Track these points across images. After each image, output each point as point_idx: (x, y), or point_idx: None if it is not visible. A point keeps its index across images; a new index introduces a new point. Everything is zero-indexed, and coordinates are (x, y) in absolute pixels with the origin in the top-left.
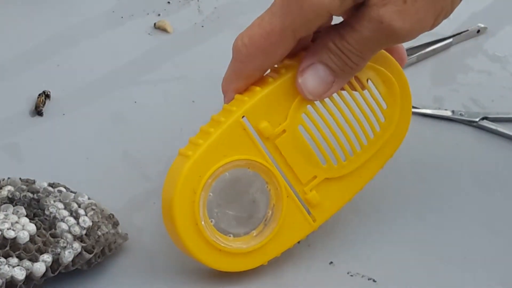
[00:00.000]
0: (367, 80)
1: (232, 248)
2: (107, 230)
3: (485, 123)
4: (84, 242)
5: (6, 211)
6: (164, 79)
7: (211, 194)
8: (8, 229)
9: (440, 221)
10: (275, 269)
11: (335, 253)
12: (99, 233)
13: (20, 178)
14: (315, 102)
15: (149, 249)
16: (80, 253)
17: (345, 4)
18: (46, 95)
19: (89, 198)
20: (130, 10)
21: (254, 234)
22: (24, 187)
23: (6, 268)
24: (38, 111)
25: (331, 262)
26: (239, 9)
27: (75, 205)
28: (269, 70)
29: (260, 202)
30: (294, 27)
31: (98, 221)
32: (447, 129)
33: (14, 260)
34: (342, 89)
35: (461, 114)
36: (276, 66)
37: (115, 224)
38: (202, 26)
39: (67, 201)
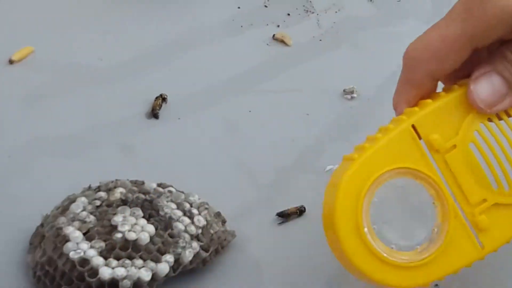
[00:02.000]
0: None
1: (394, 260)
2: (218, 228)
3: None
4: (201, 241)
5: (124, 213)
6: (280, 90)
7: (375, 200)
8: (128, 231)
9: None
10: None
11: None
12: (212, 231)
13: (128, 180)
14: (489, 122)
15: (256, 259)
16: (197, 252)
17: None
18: (163, 99)
19: (199, 198)
20: (250, 20)
21: (418, 249)
22: (135, 188)
23: (133, 269)
24: (154, 113)
25: (436, 285)
26: (358, 25)
27: (187, 205)
28: (440, 89)
29: (425, 216)
30: (473, 33)
31: (210, 220)
32: None
33: (139, 262)
34: None
35: None
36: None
37: (223, 221)
38: (320, 40)
39: (179, 201)
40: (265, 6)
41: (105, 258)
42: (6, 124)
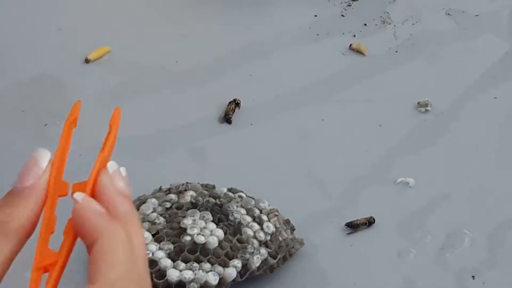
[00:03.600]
0: None
1: None
2: (286, 236)
3: None
4: (269, 248)
5: (193, 216)
6: (354, 100)
7: None
8: (197, 234)
9: None
10: None
11: None
12: (280, 238)
13: (199, 183)
14: None
15: (323, 268)
16: (265, 258)
17: None
18: (236, 104)
19: (269, 204)
20: (327, 29)
21: None
22: (206, 192)
23: (200, 273)
24: (227, 118)
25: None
26: (435, 38)
27: (257, 211)
28: None
29: None
30: None
31: (279, 227)
32: None
33: (207, 265)
34: None
35: None
36: None
37: (292, 229)
38: (396, 52)
39: (249, 206)
40: (342, 16)
41: (173, 260)
42: (78, 123)
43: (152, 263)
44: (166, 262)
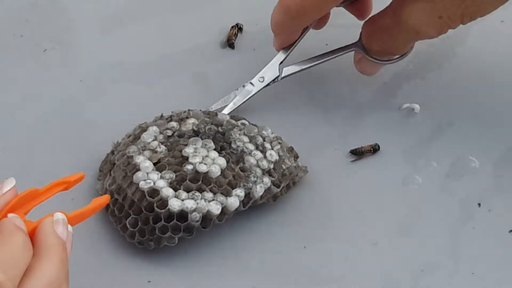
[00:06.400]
0: None
1: None
2: (290, 164)
3: None
4: (272, 176)
5: (195, 144)
6: (358, 24)
7: None
8: (199, 163)
9: None
10: (451, 230)
11: None
12: (284, 166)
13: (201, 110)
14: None
15: (327, 196)
16: (268, 187)
17: None
18: (238, 28)
19: (272, 132)
20: None
21: None
22: (208, 119)
23: (202, 202)
24: (229, 43)
25: (511, 231)
26: None
27: (260, 139)
28: None
29: None
30: None
31: (283, 155)
32: None
33: (209, 195)
34: None
35: None
36: None
37: (296, 157)
38: None
39: (252, 134)
40: None
41: (175, 190)
42: (79, 48)
43: (154, 192)
44: (167, 192)
